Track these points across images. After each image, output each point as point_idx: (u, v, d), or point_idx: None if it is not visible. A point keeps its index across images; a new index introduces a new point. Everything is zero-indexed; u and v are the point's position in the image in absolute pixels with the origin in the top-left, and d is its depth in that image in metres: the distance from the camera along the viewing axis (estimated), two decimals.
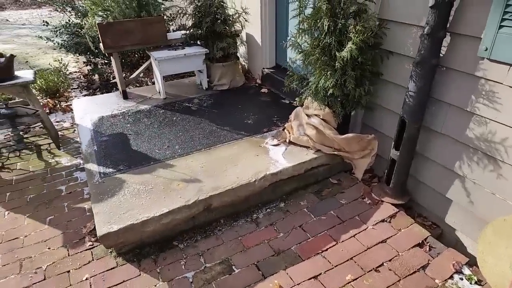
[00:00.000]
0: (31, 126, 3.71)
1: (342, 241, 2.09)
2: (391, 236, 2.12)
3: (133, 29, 3.38)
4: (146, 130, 3.07)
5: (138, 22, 3.37)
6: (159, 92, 3.74)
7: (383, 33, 2.23)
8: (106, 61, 5.11)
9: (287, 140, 2.62)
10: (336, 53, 2.13)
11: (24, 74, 3.05)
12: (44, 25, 5.30)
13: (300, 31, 2.31)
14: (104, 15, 3.30)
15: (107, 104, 3.58)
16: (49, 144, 3.38)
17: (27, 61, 6.07)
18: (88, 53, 4.73)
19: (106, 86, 4.90)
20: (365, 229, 2.17)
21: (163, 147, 2.81)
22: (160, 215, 2.07)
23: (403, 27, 2.12)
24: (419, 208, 2.37)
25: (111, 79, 4.99)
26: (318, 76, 2.22)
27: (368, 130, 2.54)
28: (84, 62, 5.17)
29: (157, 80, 3.68)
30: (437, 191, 2.19)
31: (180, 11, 3.56)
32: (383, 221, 2.22)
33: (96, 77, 5.06)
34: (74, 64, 6.03)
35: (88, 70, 5.16)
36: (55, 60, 6.13)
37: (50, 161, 3.13)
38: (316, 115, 2.39)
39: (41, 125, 3.47)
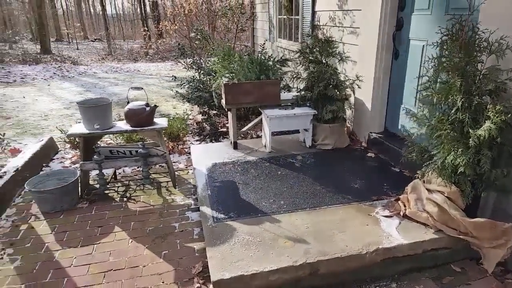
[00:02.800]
0: (156, 165, 4.23)
1: None
2: None
3: (252, 89, 3.75)
4: (253, 180, 3.24)
5: (257, 84, 3.74)
6: (265, 146, 3.97)
7: None
8: (217, 113, 5.69)
9: (402, 213, 2.48)
10: (470, 130, 2.03)
11: (161, 121, 3.58)
12: (172, 79, 6.25)
13: (426, 104, 2.28)
14: (230, 77, 3.75)
15: (219, 152, 3.93)
16: (167, 182, 3.79)
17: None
18: (206, 105, 5.33)
19: (215, 134, 5.41)
20: None
21: (269, 200, 2.91)
22: (269, 271, 2.10)
23: None
24: None
25: (219, 128, 5.49)
26: (445, 152, 2.12)
27: (501, 215, 2.26)
28: (200, 112, 5.81)
29: (265, 135, 3.92)
30: None
31: (294, 76, 3.86)
32: None
33: (207, 125, 5.63)
34: (189, 112, 6.83)
35: (202, 119, 5.79)
36: (174, 108, 7.09)
37: (167, 197, 3.48)
38: (439, 191, 2.24)
39: (164, 165, 3.94)
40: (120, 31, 23.94)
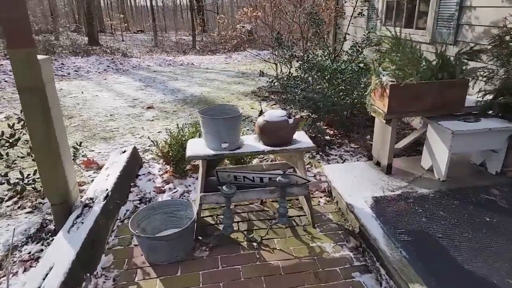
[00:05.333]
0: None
1: None
2: None
3: (426, 93, 2.65)
4: (456, 232, 2.16)
5: (436, 85, 2.63)
6: (434, 171, 2.87)
7: None
8: (317, 117, 4.61)
9: None
10: None
11: (302, 137, 2.56)
12: (259, 75, 5.26)
13: None
14: (397, 74, 2.65)
15: (368, 178, 2.87)
16: (299, 216, 2.79)
17: None
18: (315, 109, 4.26)
19: (320, 145, 4.36)
20: None
21: (509, 275, 1.83)
22: None
23: None
24: None
25: (324, 136, 4.43)
26: None
27: None
28: (305, 117, 4.72)
29: (434, 156, 2.82)
30: None
31: (485, 75, 2.71)
32: None
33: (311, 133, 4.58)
34: None
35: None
36: (252, 108, 6.11)
37: (310, 244, 2.48)
38: None
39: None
40: (165, 23, 23.40)
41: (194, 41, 15.61)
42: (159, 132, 4.82)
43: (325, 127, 4.66)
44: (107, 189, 2.82)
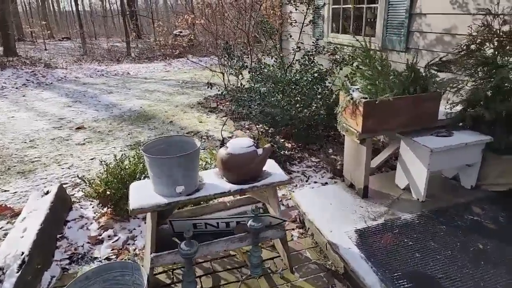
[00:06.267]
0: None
1: None
2: None
3: (401, 108, 2.41)
4: (454, 268, 1.91)
5: (411, 99, 2.40)
6: (412, 191, 2.64)
7: None
8: (274, 131, 4.26)
9: None
10: None
11: (272, 168, 2.15)
12: (207, 87, 4.75)
13: None
14: (369, 90, 2.37)
15: (345, 205, 2.55)
16: (272, 258, 2.36)
17: (171, 121, 5.54)
18: (269, 124, 3.89)
19: (280, 161, 4.01)
20: None
21: None
22: None
23: None
24: None
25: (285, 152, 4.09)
26: None
27: None
28: (262, 132, 4.32)
29: (414, 177, 2.59)
30: None
31: (455, 86, 2.55)
32: None
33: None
34: (220, 126, 5.31)
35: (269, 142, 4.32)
36: (200, 121, 5.57)
37: None
38: None
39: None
40: (94, 29, 21.47)
41: (128, 48, 14.48)
42: (92, 159, 4.08)
43: (283, 140, 4.34)
44: (23, 253, 2.14)
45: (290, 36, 4.61)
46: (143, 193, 1.86)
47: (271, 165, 2.17)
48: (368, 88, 2.39)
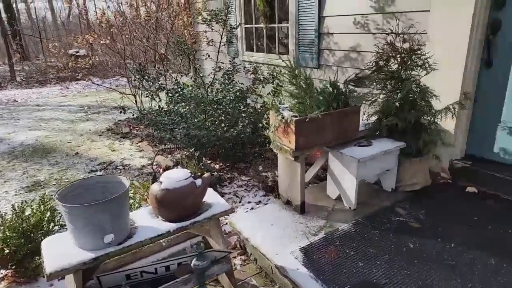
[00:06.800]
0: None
1: None
2: None
3: (329, 124, 2.51)
4: (393, 272, 2.02)
5: (335, 115, 2.52)
6: (343, 201, 2.75)
7: None
8: (199, 154, 4.08)
9: None
10: None
11: (212, 197, 1.99)
12: (120, 111, 4.30)
13: None
14: (298, 108, 2.40)
15: (285, 224, 2.52)
16: None
17: (77, 153, 4.90)
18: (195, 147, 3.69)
19: (210, 184, 3.83)
20: None
21: None
22: None
23: None
24: None
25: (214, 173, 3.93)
26: None
27: None
28: (186, 155, 4.05)
29: (344, 187, 2.71)
30: None
31: (370, 99, 2.77)
32: None
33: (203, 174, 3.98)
34: (139, 154, 4.90)
35: (175, 161, 4.06)
36: (113, 150, 5.03)
37: None
38: None
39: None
40: None
41: (12, 71, 12.57)
42: None
43: (209, 162, 4.18)
44: None
45: (209, 56, 4.55)
46: (61, 250, 1.52)
47: (210, 194, 2.02)
48: (297, 107, 2.43)
